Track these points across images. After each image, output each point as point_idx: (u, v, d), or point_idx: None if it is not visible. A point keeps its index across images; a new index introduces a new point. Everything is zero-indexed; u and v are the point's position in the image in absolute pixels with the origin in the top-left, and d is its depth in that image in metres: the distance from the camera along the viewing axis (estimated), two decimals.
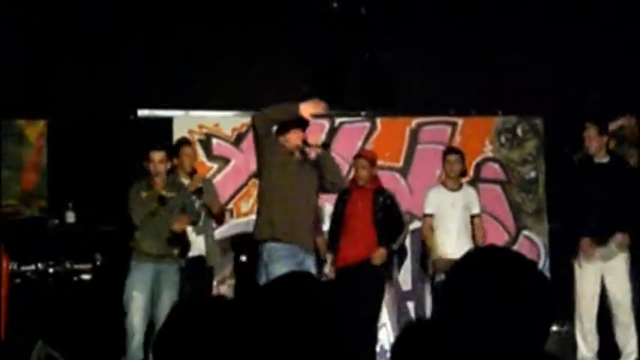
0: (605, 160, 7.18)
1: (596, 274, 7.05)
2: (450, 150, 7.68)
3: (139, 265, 6.68)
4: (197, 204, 6.92)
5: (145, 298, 6.59)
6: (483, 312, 1.74)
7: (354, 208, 7.31)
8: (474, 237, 7.39)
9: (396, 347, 1.88)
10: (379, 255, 7.16)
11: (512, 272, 1.79)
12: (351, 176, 7.52)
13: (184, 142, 7.36)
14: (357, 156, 7.48)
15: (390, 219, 7.35)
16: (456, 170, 7.45)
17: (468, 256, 1.83)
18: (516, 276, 1.78)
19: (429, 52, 8.15)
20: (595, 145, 7.11)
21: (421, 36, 8.12)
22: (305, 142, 6.25)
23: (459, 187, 7.49)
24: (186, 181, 7.03)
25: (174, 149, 7.17)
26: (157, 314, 6.49)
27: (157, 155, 6.72)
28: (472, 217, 7.45)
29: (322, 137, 6.55)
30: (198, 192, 6.95)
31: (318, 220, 7.24)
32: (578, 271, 7.15)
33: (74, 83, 7.90)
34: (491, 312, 1.74)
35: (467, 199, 7.45)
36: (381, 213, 7.32)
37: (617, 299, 7.05)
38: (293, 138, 6.20)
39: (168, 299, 6.58)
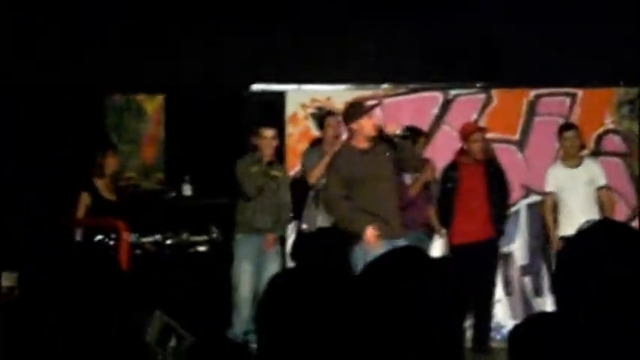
0: None
1: None
2: (565, 126, 7.51)
3: (246, 239, 6.82)
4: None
5: (252, 270, 6.73)
6: (597, 295, 1.67)
7: (470, 183, 7.24)
8: (602, 210, 7.21)
9: (514, 337, 1.83)
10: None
11: (625, 250, 1.71)
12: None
13: (329, 113, 7.44)
14: (472, 131, 7.37)
15: (501, 193, 7.28)
16: (575, 146, 7.29)
17: (577, 237, 1.76)
18: (629, 254, 1.70)
19: (545, 23, 7.93)
20: None
21: (538, 7, 7.91)
22: (381, 133, 6.14)
23: (580, 162, 7.31)
24: (329, 150, 7.08)
25: (320, 121, 7.31)
26: (262, 286, 6.59)
27: (268, 132, 6.86)
28: (599, 189, 7.28)
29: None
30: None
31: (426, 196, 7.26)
32: None
33: (192, 58, 8.04)
34: (605, 295, 1.66)
35: (590, 174, 7.28)
36: (495, 187, 7.27)
37: None
38: (367, 126, 6.12)
39: (273, 271, 6.68)
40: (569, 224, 6.96)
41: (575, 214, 7.01)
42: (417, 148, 7.31)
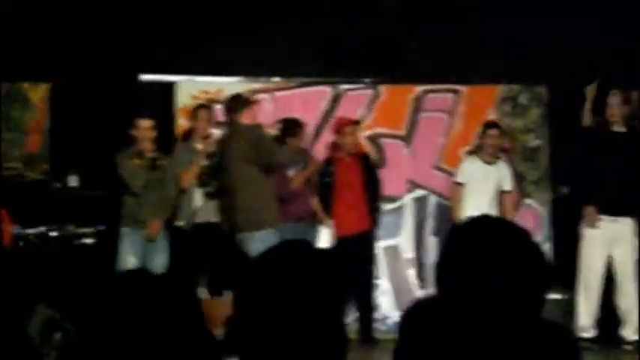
0: (622, 129, 7.19)
1: (603, 242, 7.08)
2: (489, 123, 7.72)
3: (131, 232, 6.78)
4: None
5: (137, 263, 6.69)
6: (477, 282, 1.75)
7: (346, 176, 7.39)
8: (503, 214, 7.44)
9: (403, 325, 1.90)
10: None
11: (506, 241, 1.80)
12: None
13: (201, 105, 7.39)
14: (344, 125, 7.52)
15: (374, 185, 7.54)
16: (496, 145, 7.51)
17: (460, 228, 1.84)
18: (508, 244, 1.79)
19: (432, 21, 8.10)
20: (617, 113, 7.13)
21: (425, 5, 8.08)
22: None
23: (495, 161, 7.53)
24: (200, 145, 7.06)
25: (192, 113, 7.26)
26: None
27: (144, 123, 6.82)
28: (503, 192, 7.51)
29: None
30: (210, 156, 6.97)
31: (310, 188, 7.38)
32: (584, 239, 7.18)
33: (78, 47, 7.87)
34: (485, 282, 1.75)
35: (500, 175, 7.50)
36: (370, 180, 7.45)
37: (622, 267, 7.09)
38: (248, 120, 6.52)
39: (160, 264, 6.69)
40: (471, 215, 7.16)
41: (477, 208, 7.21)
42: (296, 140, 7.39)
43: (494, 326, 1.73)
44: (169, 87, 8.01)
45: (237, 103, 6.59)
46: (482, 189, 7.43)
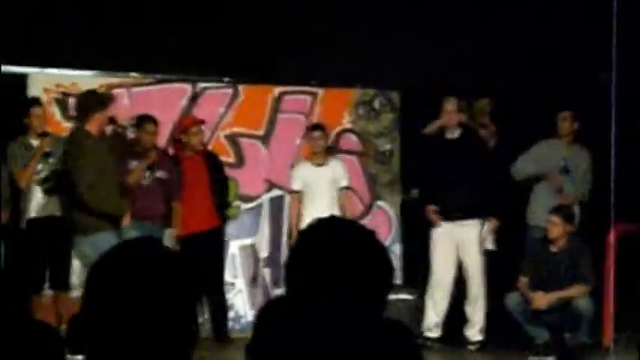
0: (457, 134, 7.46)
1: (450, 245, 7.34)
2: (313, 126, 7.85)
3: None
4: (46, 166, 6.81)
5: None
6: (323, 283, 1.81)
7: (192, 175, 7.38)
8: (341, 210, 7.58)
9: (258, 322, 1.94)
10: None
11: (351, 242, 1.87)
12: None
13: (33, 101, 7.18)
14: (190, 124, 7.54)
15: (222, 181, 7.58)
16: (321, 145, 7.61)
17: (308, 229, 1.90)
18: (354, 245, 1.86)
19: (294, 21, 8.18)
20: (452, 120, 7.39)
21: (286, 5, 8.15)
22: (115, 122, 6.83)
23: (325, 161, 7.64)
24: (35, 142, 6.88)
25: (23, 109, 7.02)
26: None
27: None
28: (341, 189, 7.64)
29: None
30: (48, 154, 6.81)
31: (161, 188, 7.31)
32: (432, 241, 7.42)
33: None
34: (331, 282, 1.81)
35: (334, 173, 7.62)
36: (217, 178, 7.49)
37: (469, 270, 7.37)
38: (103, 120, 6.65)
39: None
40: (311, 220, 7.25)
41: (318, 211, 7.33)
42: (147, 135, 7.30)
43: (337, 325, 1.80)
44: (20, 78, 7.76)
45: (88, 103, 6.51)
46: (319, 191, 7.55)
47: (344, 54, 8.09)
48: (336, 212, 7.40)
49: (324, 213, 7.04)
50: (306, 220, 7.41)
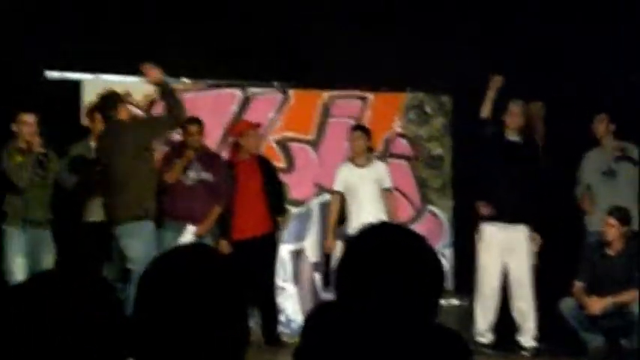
0: (519, 139, 7.39)
1: (498, 249, 7.27)
2: (354, 127, 7.82)
3: (18, 232, 6.61)
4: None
5: (26, 264, 6.55)
6: (373, 288, 1.80)
7: (246, 179, 7.37)
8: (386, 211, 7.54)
9: (305, 329, 1.93)
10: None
11: (401, 247, 1.85)
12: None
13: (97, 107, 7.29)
14: (246, 128, 7.55)
15: (276, 186, 7.54)
16: (361, 146, 7.57)
17: (358, 235, 1.89)
18: (404, 251, 1.85)
19: (345, 24, 8.18)
20: (516, 122, 7.33)
21: (333, 9, 8.15)
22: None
23: (368, 162, 7.60)
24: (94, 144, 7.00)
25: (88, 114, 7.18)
26: None
27: (26, 117, 6.66)
28: (384, 190, 7.60)
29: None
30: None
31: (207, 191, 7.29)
32: (480, 244, 7.36)
33: None
34: (382, 288, 1.80)
35: (377, 174, 7.58)
36: (269, 181, 7.46)
37: (518, 274, 7.28)
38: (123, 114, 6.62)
39: (49, 263, 6.60)
40: (357, 222, 7.25)
41: (363, 212, 7.31)
42: (188, 136, 7.29)
43: (388, 330, 1.78)
44: (75, 85, 7.88)
45: (109, 101, 6.58)
46: (362, 193, 7.50)
47: (395, 57, 8.07)
48: (382, 214, 7.37)
49: (369, 214, 7.09)
50: (351, 222, 7.38)
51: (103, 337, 1.58)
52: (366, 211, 7.26)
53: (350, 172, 7.57)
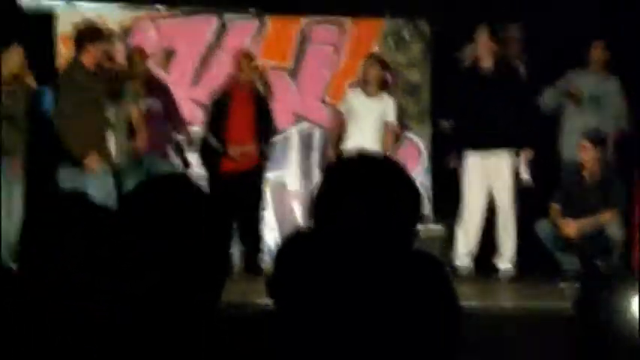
0: (492, 65, 7.35)
1: (482, 176, 7.32)
2: (370, 54, 7.76)
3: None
4: None
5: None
6: (350, 214, 1.80)
7: (237, 112, 7.32)
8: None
9: (278, 257, 1.94)
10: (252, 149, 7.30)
11: (378, 174, 1.86)
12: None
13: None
14: (243, 54, 7.47)
15: (268, 123, 7.44)
16: (374, 75, 7.52)
17: (336, 162, 1.89)
18: (381, 177, 1.85)
19: None
20: (485, 49, 7.28)
21: None
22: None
23: (377, 93, 7.56)
24: None
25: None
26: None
27: (16, 50, 6.62)
28: (386, 122, 7.58)
29: None
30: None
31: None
32: (464, 169, 7.40)
33: None
34: (358, 213, 1.81)
35: (384, 107, 7.55)
36: (261, 119, 7.40)
37: (500, 200, 7.35)
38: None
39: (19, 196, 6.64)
40: (359, 140, 7.25)
41: (362, 139, 7.30)
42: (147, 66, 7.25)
43: (364, 257, 1.79)
44: (47, 13, 7.74)
45: (82, 34, 6.46)
46: (366, 121, 7.49)
47: None
48: (378, 145, 7.36)
49: (367, 142, 7.10)
50: (347, 145, 7.37)
51: None
52: (365, 139, 7.24)
53: (357, 98, 7.54)
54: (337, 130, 7.59)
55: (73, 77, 6.49)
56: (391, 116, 7.61)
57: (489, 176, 7.32)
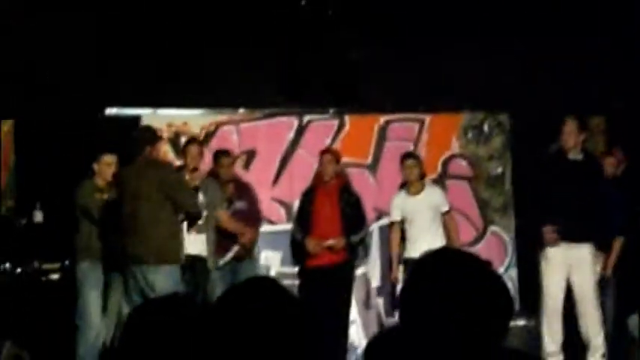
0: (580, 157, 7.27)
1: (562, 268, 7.15)
2: (405, 155, 7.74)
3: (92, 267, 6.67)
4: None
5: (100, 297, 6.65)
6: (439, 314, 1.78)
7: (322, 206, 7.36)
8: (447, 234, 7.45)
9: (368, 353, 1.92)
10: (338, 242, 7.23)
11: (465, 274, 1.84)
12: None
13: (190, 141, 7.34)
14: (324, 151, 7.56)
15: (355, 217, 7.42)
16: (414, 174, 7.50)
17: (421, 261, 1.88)
18: (468, 277, 1.83)
19: (396, 48, 8.19)
20: (572, 140, 7.20)
21: (387, 32, 8.16)
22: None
23: (422, 188, 7.52)
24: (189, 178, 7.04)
25: (182, 148, 7.24)
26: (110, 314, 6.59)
27: (107, 158, 6.79)
28: (443, 214, 7.51)
29: None
30: (197, 190, 6.90)
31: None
32: (543, 265, 7.24)
33: (42, 81, 7.85)
34: (447, 314, 1.78)
35: (432, 199, 7.50)
36: (348, 210, 7.39)
37: (583, 292, 7.15)
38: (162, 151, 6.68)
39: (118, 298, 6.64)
40: (414, 249, 7.19)
41: (420, 239, 7.24)
42: (221, 168, 7.33)
43: (456, 356, 1.77)
44: (134, 120, 8.00)
45: (150, 136, 6.53)
46: (419, 220, 7.40)
47: (450, 78, 8.04)
48: (441, 239, 7.28)
49: (430, 241, 7.02)
50: (410, 250, 7.30)
51: None
52: (425, 239, 7.18)
53: (404, 201, 7.50)
54: (398, 244, 7.49)
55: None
56: (445, 206, 7.49)
57: (569, 269, 7.15)
